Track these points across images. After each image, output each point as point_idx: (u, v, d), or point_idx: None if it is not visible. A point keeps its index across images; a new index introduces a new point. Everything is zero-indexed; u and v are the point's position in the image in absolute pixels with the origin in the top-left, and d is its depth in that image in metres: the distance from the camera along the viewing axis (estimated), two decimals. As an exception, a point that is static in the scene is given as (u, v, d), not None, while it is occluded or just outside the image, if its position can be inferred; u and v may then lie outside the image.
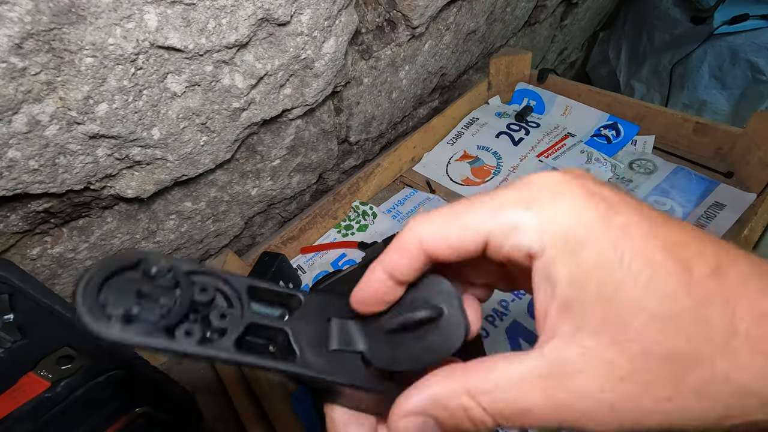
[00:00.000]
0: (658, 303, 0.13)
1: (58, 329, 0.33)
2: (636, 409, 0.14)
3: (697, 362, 0.13)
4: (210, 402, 0.53)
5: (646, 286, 0.14)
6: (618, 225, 0.14)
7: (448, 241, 0.16)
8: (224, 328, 0.17)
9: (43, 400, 0.35)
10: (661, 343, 0.13)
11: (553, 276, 0.15)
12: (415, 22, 0.60)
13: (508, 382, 0.15)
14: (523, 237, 0.15)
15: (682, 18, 1.15)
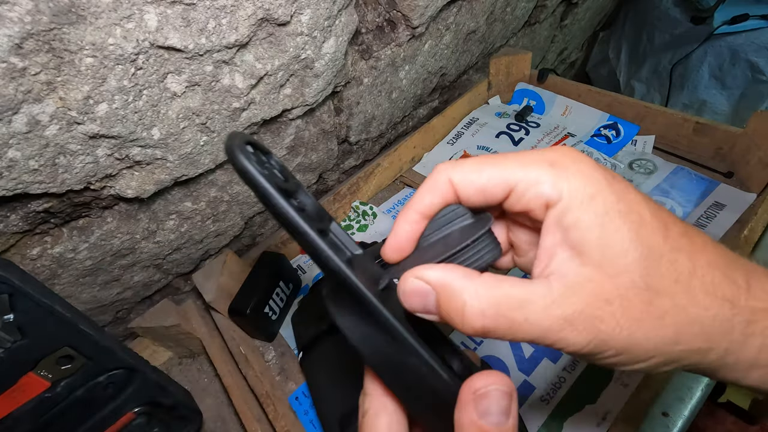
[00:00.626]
0: (645, 248, 0.17)
1: (58, 329, 0.33)
2: (612, 324, 0.17)
3: (666, 294, 0.17)
4: (210, 402, 0.53)
5: (637, 234, 0.18)
6: (618, 189, 0.18)
7: (477, 184, 0.20)
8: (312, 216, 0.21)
9: (43, 400, 0.35)
10: (643, 276, 0.17)
11: (565, 221, 0.18)
12: (415, 22, 0.60)
13: (515, 298, 0.18)
14: (545, 188, 0.18)
15: (682, 18, 1.15)
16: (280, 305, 0.56)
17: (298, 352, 0.49)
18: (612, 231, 0.17)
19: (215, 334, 0.54)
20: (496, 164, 0.19)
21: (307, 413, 0.48)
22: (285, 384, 0.52)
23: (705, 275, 0.17)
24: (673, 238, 0.18)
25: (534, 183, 0.18)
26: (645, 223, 0.18)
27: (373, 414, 0.21)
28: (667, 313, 0.17)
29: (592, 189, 0.18)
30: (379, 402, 0.21)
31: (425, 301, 0.19)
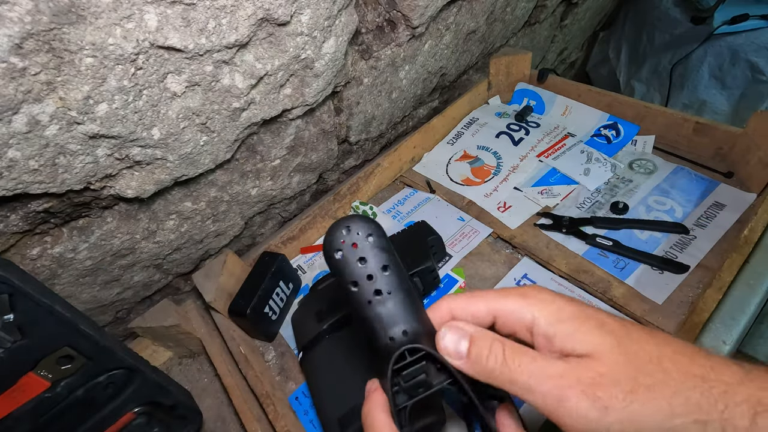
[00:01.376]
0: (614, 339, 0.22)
1: (58, 329, 0.33)
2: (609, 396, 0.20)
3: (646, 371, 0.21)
4: (210, 402, 0.53)
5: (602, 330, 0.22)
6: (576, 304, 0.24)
7: (469, 311, 0.26)
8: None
9: (43, 400, 0.35)
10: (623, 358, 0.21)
11: (548, 334, 0.23)
12: (415, 22, 0.60)
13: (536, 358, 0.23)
14: (523, 314, 0.24)
15: (682, 18, 1.15)
16: (280, 305, 0.56)
17: (298, 352, 0.49)
18: (584, 330, 0.22)
19: (215, 334, 0.54)
20: (481, 296, 0.26)
21: (307, 413, 0.48)
22: (285, 384, 0.52)
23: (674, 360, 0.21)
24: (637, 333, 0.22)
25: (511, 311, 0.24)
26: (606, 323, 0.22)
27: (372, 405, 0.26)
28: (655, 386, 0.20)
29: (556, 306, 0.24)
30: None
31: (458, 344, 0.25)
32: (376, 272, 0.26)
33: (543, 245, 0.57)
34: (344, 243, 0.26)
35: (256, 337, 0.56)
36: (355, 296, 0.26)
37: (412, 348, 0.25)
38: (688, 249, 0.52)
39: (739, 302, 0.44)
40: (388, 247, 0.26)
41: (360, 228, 0.26)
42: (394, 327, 0.26)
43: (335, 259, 0.26)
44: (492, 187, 0.67)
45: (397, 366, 0.25)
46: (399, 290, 0.26)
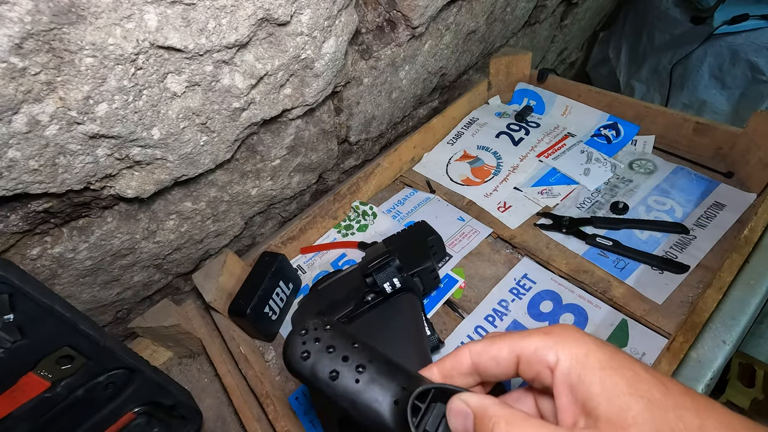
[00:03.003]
0: (646, 401, 0.18)
1: (58, 329, 0.33)
2: None
3: None
4: (210, 402, 0.53)
5: (635, 387, 0.19)
6: (608, 349, 0.20)
7: (490, 354, 0.23)
8: None
9: (43, 400, 0.35)
10: (651, 429, 0.17)
11: (569, 381, 0.20)
12: (415, 22, 0.60)
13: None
14: (545, 354, 0.21)
15: (682, 18, 1.15)
16: (280, 305, 0.56)
17: (298, 352, 0.49)
18: (611, 385, 0.19)
19: (215, 334, 0.54)
20: (504, 337, 0.23)
21: (307, 413, 0.48)
22: (285, 384, 0.52)
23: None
24: (674, 395, 0.18)
25: (534, 351, 0.22)
26: (640, 378, 0.19)
27: None
28: None
29: (584, 349, 0.20)
30: None
31: (465, 423, 0.21)
32: (348, 351, 0.25)
33: (543, 245, 0.57)
34: (306, 344, 0.25)
35: (256, 337, 0.56)
36: (339, 384, 0.24)
37: (421, 392, 0.23)
38: (688, 249, 0.52)
39: (739, 302, 0.44)
40: (346, 329, 0.26)
41: (315, 324, 0.26)
42: (392, 388, 0.24)
43: (304, 363, 0.25)
44: (492, 187, 0.67)
45: (417, 422, 0.23)
46: (375, 356, 0.25)
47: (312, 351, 0.25)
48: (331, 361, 0.25)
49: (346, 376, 0.24)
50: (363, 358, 0.25)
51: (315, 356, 0.25)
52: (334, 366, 0.24)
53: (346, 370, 0.24)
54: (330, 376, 0.24)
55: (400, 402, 0.23)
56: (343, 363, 0.24)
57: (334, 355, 0.25)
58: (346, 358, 0.25)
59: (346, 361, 0.25)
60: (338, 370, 0.24)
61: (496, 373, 0.24)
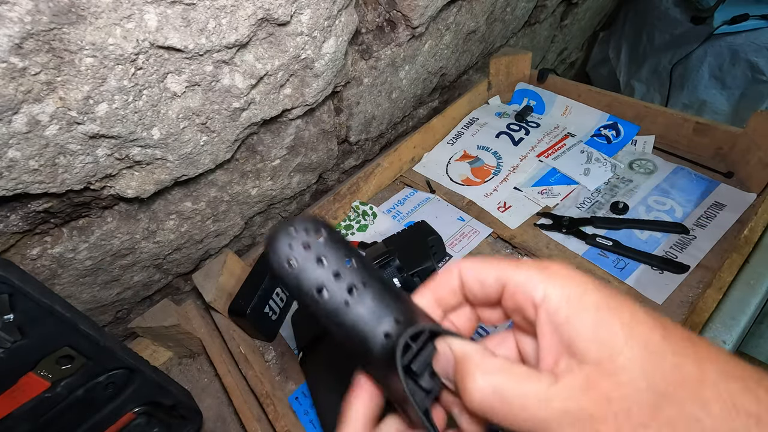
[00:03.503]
0: (642, 346, 0.16)
1: (58, 329, 0.33)
2: (615, 429, 0.16)
3: (673, 400, 0.16)
4: (210, 402, 0.53)
5: (632, 331, 0.17)
6: (607, 291, 0.18)
7: (478, 276, 0.22)
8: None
9: (43, 400, 0.35)
10: (642, 377, 0.16)
11: (557, 320, 0.18)
12: (415, 22, 0.60)
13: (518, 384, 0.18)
14: (532, 289, 0.19)
15: (682, 18, 1.15)
16: (280, 305, 0.56)
17: (298, 352, 0.49)
18: (604, 327, 0.17)
19: (215, 334, 0.54)
20: (495, 263, 0.22)
21: (307, 413, 0.48)
22: (285, 384, 0.52)
23: (718, 385, 0.16)
24: (674, 341, 0.17)
25: (522, 282, 0.20)
26: (639, 320, 0.17)
27: (353, 396, 0.22)
28: (677, 423, 0.15)
29: (581, 289, 0.18)
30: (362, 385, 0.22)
31: (447, 367, 0.20)
32: (341, 268, 0.22)
33: (543, 245, 0.57)
34: (293, 249, 0.21)
35: (256, 337, 0.56)
36: (326, 303, 0.21)
37: (415, 333, 0.21)
38: (688, 249, 0.52)
39: (739, 302, 0.44)
40: (342, 238, 0.23)
41: (306, 227, 0.22)
42: (384, 319, 0.22)
43: (287, 269, 0.21)
44: (492, 187, 0.67)
45: (406, 363, 0.21)
46: (372, 278, 0.22)
47: (299, 258, 0.21)
48: (320, 274, 0.21)
49: (335, 295, 0.21)
50: (357, 278, 0.22)
51: (302, 265, 0.21)
52: (323, 281, 0.21)
53: (336, 288, 0.21)
54: (316, 290, 0.21)
55: (392, 336, 0.21)
56: (334, 280, 0.22)
57: (324, 269, 0.22)
58: (338, 275, 0.22)
59: (338, 278, 0.22)
60: (326, 286, 0.21)
61: (479, 297, 0.22)
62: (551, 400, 0.17)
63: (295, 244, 0.21)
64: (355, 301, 0.22)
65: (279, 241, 0.21)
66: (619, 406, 0.16)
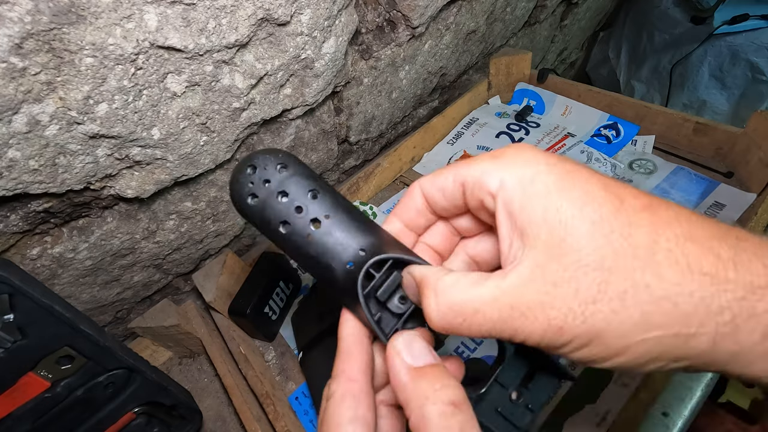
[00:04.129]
0: (589, 224, 0.16)
1: (58, 329, 0.33)
2: (564, 310, 0.16)
3: (622, 272, 0.15)
4: (210, 402, 0.53)
5: (581, 210, 0.16)
6: (561, 169, 0.18)
7: (437, 185, 0.22)
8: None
9: (43, 400, 0.35)
10: (589, 255, 0.16)
11: (510, 207, 0.18)
12: (415, 22, 0.60)
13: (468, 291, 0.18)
14: (488, 179, 0.19)
15: (682, 18, 1.15)
16: (280, 305, 0.56)
17: (298, 352, 0.49)
18: (553, 210, 0.16)
19: (215, 334, 0.54)
20: (451, 167, 0.21)
21: (307, 413, 0.48)
22: (285, 384, 0.52)
23: (673, 249, 0.15)
24: (628, 212, 0.16)
25: (479, 175, 0.19)
26: (591, 198, 0.16)
27: (339, 398, 0.20)
28: (626, 293, 0.15)
29: (531, 172, 0.18)
30: (346, 386, 0.20)
31: (413, 293, 0.21)
32: (304, 201, 0.21)
33: (543, 245, 0.57)
34: (254, 184, 0.21)
35: (256, 337, 0.56)
36: (289, 237, 0.21)
37: (377, 261, 0.21)
38: (688, 249, 0.52)
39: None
40: (305, 170, 0.22)
41: (267, 161, 0.21)
42: (347, 250, 0.21)
43: (249, 205, 0.21)
44: (492, 187, 0.67)
45: (367, 290, 0.21)
46: (338, 210, 0.22)
47: (260, 194, 0.21)
48: (282, 209, 0.21)
49: (298, 229, 0.21)
50: (320, 210, 0.21)
51: (263, 200, 0.21)
52: (285, 216, 0.21)
53: (300, 221, 0.21)
54: (280, 225, 0.21)
55: (355, 265, 0.21)
56: (296, 214, 0.21)
57: (286, 203, 0.21)
58: (300, 209, 0.21)
59: (300, 212, 0.21)
60: (289, 221, 0.21)
61: (444, 206, 0.22)
62: (498, 298, 0.17)
63: (256, 179, 0.21)
64: (320, 234, 0.21)
65: (239, 176, 0.21)
66: (567, 287, 0.16)
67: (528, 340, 0.17)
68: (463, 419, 0.17)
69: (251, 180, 0.21)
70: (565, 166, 0.18)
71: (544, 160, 0.18)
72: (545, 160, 0.18)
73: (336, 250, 0.21)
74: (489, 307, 0.17)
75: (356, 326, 0.22)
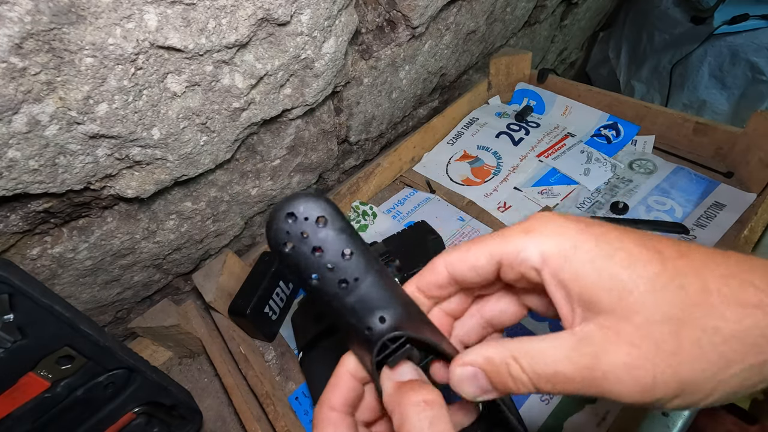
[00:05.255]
0: (644, 282, 0.17)
1: (58, 329, 0.33)
2: (649, 367, 0.17)
3: (689, 321, 0.17)
4: (210, 402, 0.53)
5: (632, 270, 0.18)
6: (594, 234, 0.19)
7: (468, 263, 0.22)
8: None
9: (43, 400, 0.35)
10: (655, 310, 0.17)
11: (561, 279, 0.19)
12: (415, 22, 0.60)
13: (545, 351, 0.19)
14: (528, 255, 0.20)
15: (682, 18, 1.15)
16: (280, 305, 0.56)
17: (298, 352, 0.49)
18: (607, 276, 0.18)
19: (215, 334, 0.54)
20: (480, 243, 0.22)
21: (307, 413, 0.48)
22: (285, 384, 0.52)
23: (721, 289, 0.17)
24: (671, 263, 0.18)
25: (517, 252, 0.20)
26: (634, 258, 0.18)
27: (318, 424, 0.23)
28: (701, 340, 0.16)
29: (568, 242, 0.19)
30: (326, 414, 0.23)
31: (480, 383, 0.21)
32: (336, 261, 0.22)
33: (543, 245, 0.57)
34: (290, 234, 0.21)
35: (256, 337, 0.56)
36: (318, 289, 0.22)
37: (393, 337, 0.22)
38: (688, 249, 0.52)
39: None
40: (345, 227, 0.23)
41: (307, 212, 0.22)
42: (369, 316, 0.22)
43: (284, 253, 0.22)
44: (492, 187, 0.67)
45: (380, 357, 0.22)
46: (367, 274, 0.22)
47: (296, 245, 0.22)
48: (315, 263, 0.22)
49: (327, 285, 0.22)
50: (351, 273, 0.22)
51: (298, 252, 0.22)
52: (316, 270, 0.22)
53: (329, 279, 0.22)
54: (309, 278, 0.22)
55: (374, 332, 0.22)
56: (327, 271, 0.22)
57: (319, 258, 0.22)
58: (332, 268, 0.22)
59: (331, 271, 0.22)
60: (320, 275, 0.22)
61: (475, 281, 0.23)
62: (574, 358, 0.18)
63: (294, 229, 0.21)
64: (345, 294, 0.22)
65: (278, 223, 0.22)
66: (645, 346, 0.17)
67: (620, 399, 0.17)
68: (434, 414, 0.19)
69: (288, 230, 0.22)
70: (595, 230, 0.19)
71: (574, 227, 0.19)
72: (575, 227, 0.19)
73: (358, 314, 0.22)
74: (566, 366, 0.18)
75: (355, 366, 0.24)
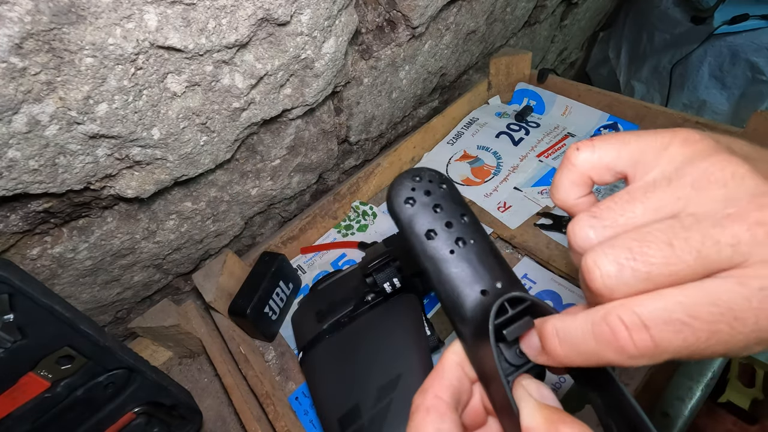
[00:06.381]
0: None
1: (58, 329, 0.33)
2: None
3: None
4: (210, 402, 0.53)
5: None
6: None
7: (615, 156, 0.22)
8: None
9: (43, 400, 0.35)
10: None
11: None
12: (415, 22, 0.60)
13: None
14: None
15: (682, 18, 1.15)
16: (280, 305, 0.56)
17: (298, 352, 0.49)
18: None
19: (215, 334, 0.54)
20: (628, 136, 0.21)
21: (307, 413, 0.48)
22: (285, 384, 0.52)
23: None
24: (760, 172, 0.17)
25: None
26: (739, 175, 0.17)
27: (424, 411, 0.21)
28: None
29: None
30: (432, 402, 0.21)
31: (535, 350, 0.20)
32: (454, 219, 0.22)
33: (543, 245, 0.57)
34: (415, 191, 0.23)
35: (256, 337, 0.56)
36: (432, 247, 0.22)
37: (514, 297, 0.20)
38: (688, 249, 0.52)
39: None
40: (460, 196, 0.24)
41: (432, 177, 0.23)
42: (485, 279, 0.21)
43: (404, 208, 0.23)
44: (492, 187, 0.67)
45: (500, 321, 0.20)
46: (483, 239, 0.22)
47: (417, 201, 0.23)
48: (434, 220, 0.22)
49: (442, 242, 0.22)
50: (467, 232, 0.22)
51: (418, 207, 0.23)
52: (435, 226, 0.22)
53: (445, 235, 0.22)
54: (426, 233, 0.22)
55: (489, 295, 0.21)
56: (445, 228, 0.22)
57: (439, 216, 0.22)
58: (450, 224, 0.22)
59: (449, 227, 0.22)
60: (437, 232, 0.22)
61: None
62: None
63: (418, 186, 0.23)
64: (460, 254, 0.22)
65: (403, 181, 0.23)
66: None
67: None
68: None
69: (413, 186, 0.23)
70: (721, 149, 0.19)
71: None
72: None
73: (473, 274, 0.22)
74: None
75: (462, 357, 0.22)
